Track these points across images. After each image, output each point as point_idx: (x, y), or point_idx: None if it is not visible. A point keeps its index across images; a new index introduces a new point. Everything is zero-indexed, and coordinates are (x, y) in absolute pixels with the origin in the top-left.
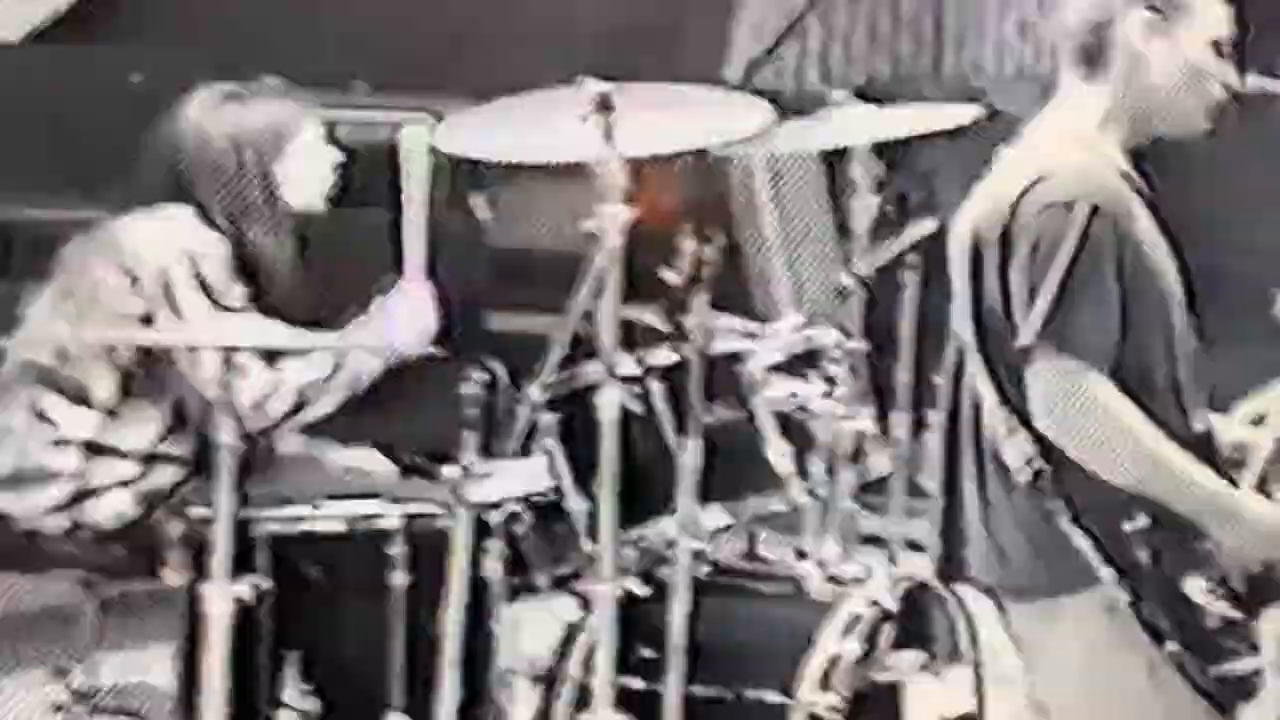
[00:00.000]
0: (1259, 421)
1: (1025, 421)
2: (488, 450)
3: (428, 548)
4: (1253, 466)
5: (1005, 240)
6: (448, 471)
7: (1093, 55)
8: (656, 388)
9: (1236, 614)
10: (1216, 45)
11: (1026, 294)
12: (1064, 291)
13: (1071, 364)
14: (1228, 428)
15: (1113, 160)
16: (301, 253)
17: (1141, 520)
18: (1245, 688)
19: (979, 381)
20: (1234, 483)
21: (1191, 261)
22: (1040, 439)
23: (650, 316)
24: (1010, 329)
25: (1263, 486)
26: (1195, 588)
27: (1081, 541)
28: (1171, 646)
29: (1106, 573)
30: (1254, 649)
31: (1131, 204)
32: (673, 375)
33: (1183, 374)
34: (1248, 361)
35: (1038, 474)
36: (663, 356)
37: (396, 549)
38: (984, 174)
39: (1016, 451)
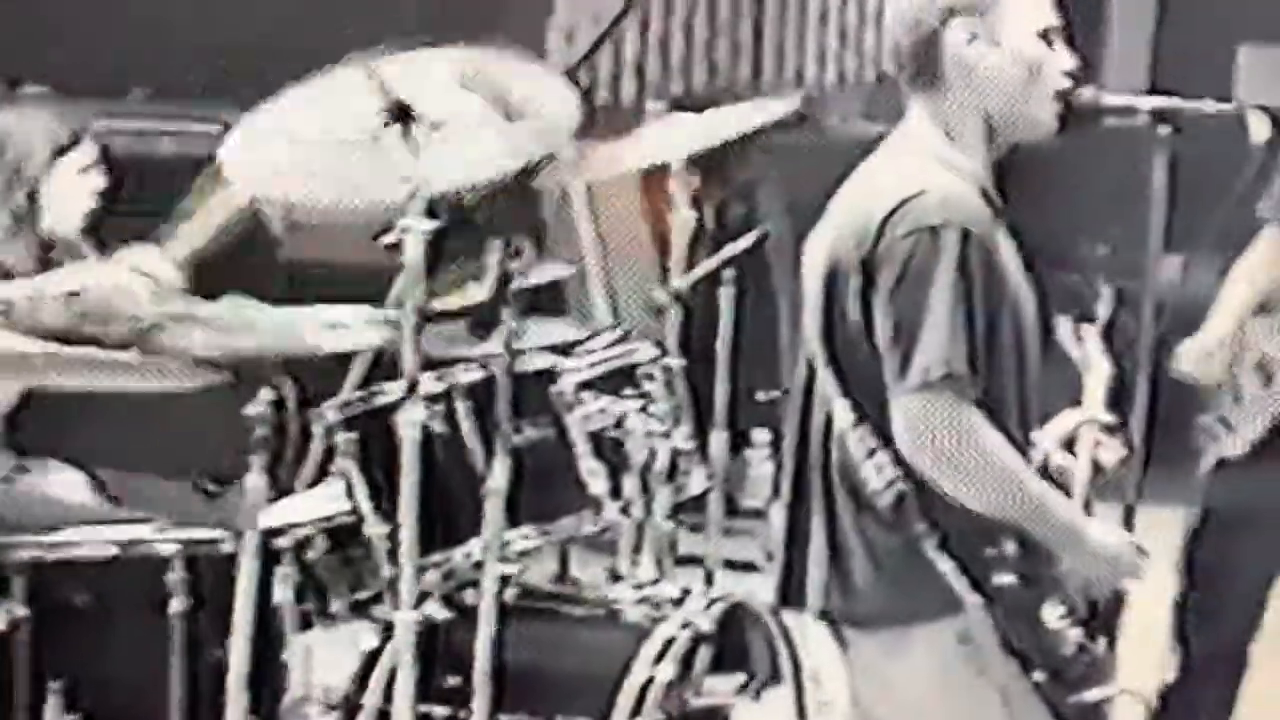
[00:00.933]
0: (1070, 445)
1: (886, 442)
2: (275, 473)
3: (213, 573)
4: (1077, 489)
5: (868, 265)
6: (232, 494)
7: (926, 71)
8: (462, 406)
9: (1086, 641)
10: (1044, 35)
11: (894, 323)
12: (940, 324)
13: (940, 392)
14: (1047, 448)
15: (976, 179)
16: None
17: (1008, 547)
18: (1099, 716)
19: (833, 401)
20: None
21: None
22: (901, 462)
23: (456, 332)
24: (871, 353)
25: (1086, 510)
26: (1051, 614)
27: (947, 567)
28: (1038, 676)
29: (973, 599)
30: (1107, 676)
31: (994, 226)
32: (479, 393)
33: (1030, 399)
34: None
35: (900, 497)
36: (468, 374)
37: (174, 576)
38: (804, 188)
39: (877, 473)
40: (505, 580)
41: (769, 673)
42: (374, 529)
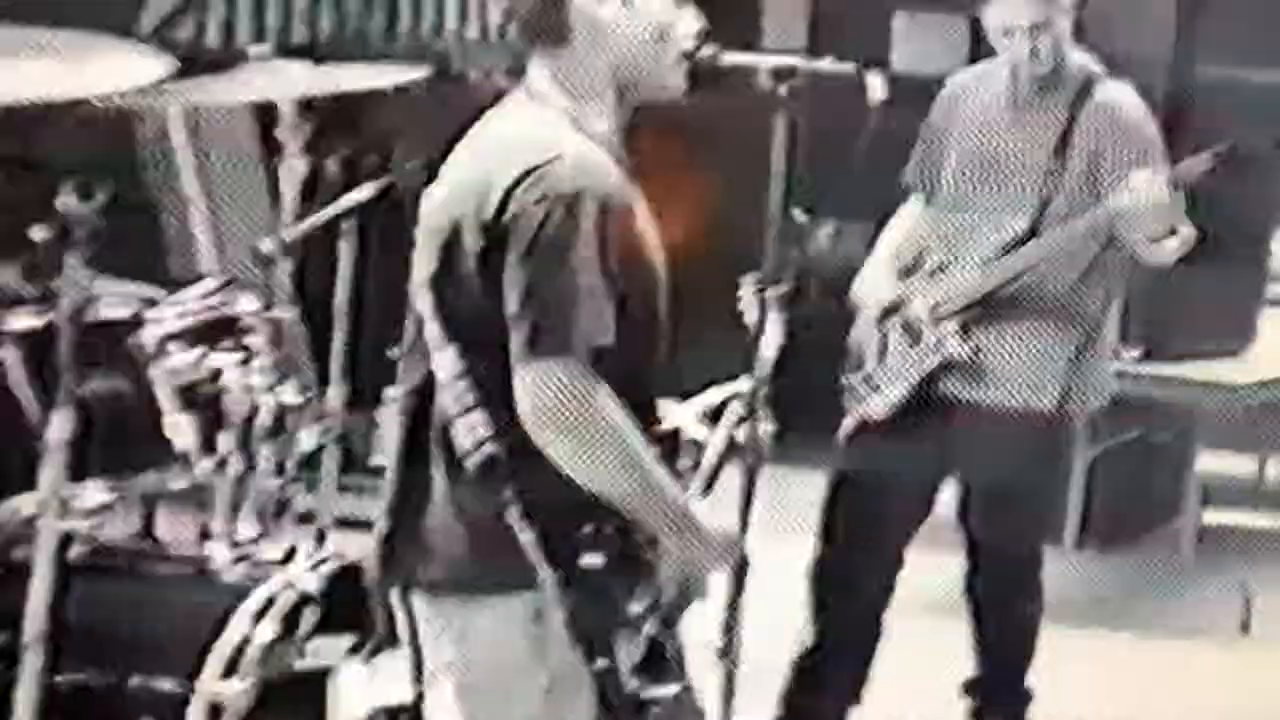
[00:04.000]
0: (715, 417)
1: (485, 402)
2: None
3: None
4: (705, 464)
5: (492, 228)
6: None
7: (552, 29)
8: (12, 354)
9: (663, 633)
10: None
11: (525, 291)
12: (578, 292)
13: (571, 364)
14: (686, 422)
15: (607, 142)
16: None
17: (604, 526)
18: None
19: (435, 355)
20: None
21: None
22: (498, 423)
23: (7, 276)
24: (486, 312)
25: (710, 484)
26: (634, 603)
27: (528, 538)
28: (601, 663)
29: (547, 574)
30: (671, 674)
31: (630, 192)
32: (39, 341)
33: (656, 374)
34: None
35: (491, 460)
36: (22, 321)
37: None
38: (446, 141)
39: (468, 432)
40: (69, 537)
41: (386, 636)
42: None
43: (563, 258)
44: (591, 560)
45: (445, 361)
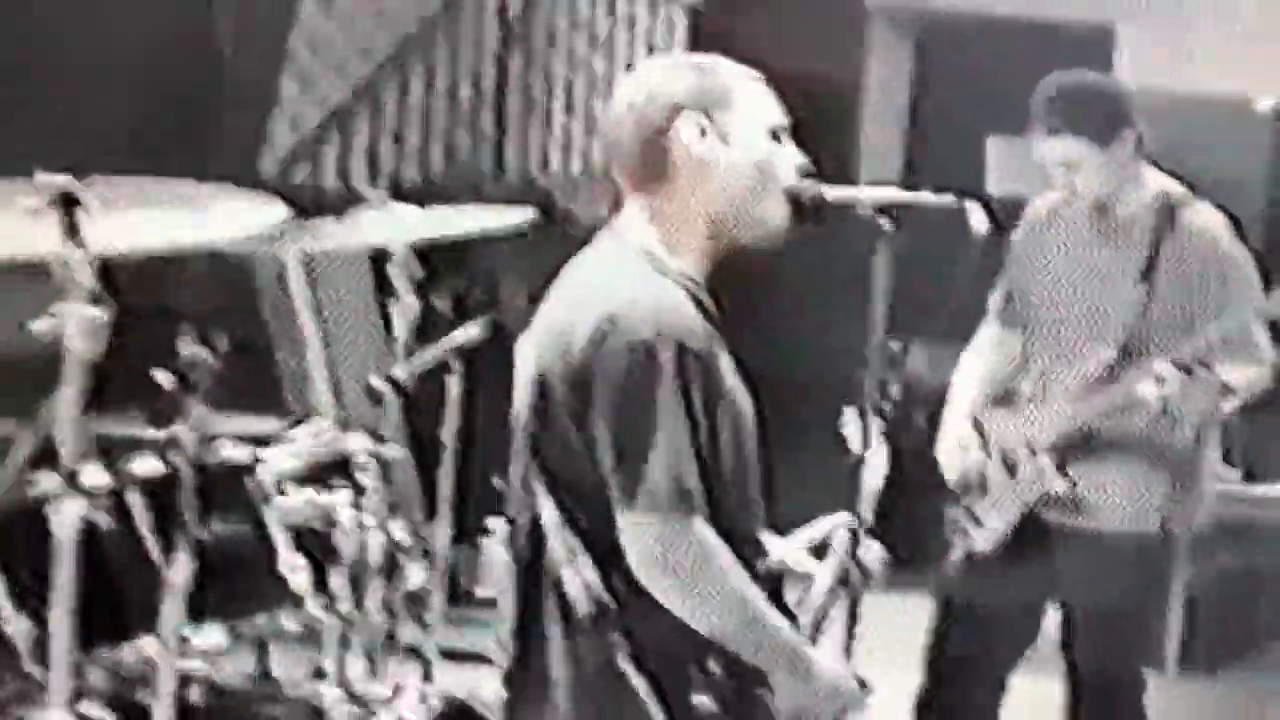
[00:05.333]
0: (821, 551)
1: (590, 548)
2: None
3: None
4: (814, 597)
5: (578, 377)
6: None
7: (653, 167)
8: (137, 500)
9: None
10: (774, 133)
11: (615, 443)
12: (663, 441)
13: (671, 512)
14: (792, 556)
15: (689, 287)
16: None
17: (713, 666)
18: None
19: (541, 504)
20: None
21: (765, 374)
22: (603, 568)
23: (132, 423)
24: (580, 461)
25: (818, 623)
26: None
27: (639, 683)
28: None
29: (660, 717)
30: None
31: (711, 336)
32: (162, 486)
33: (754, 509)
34: (823, 480)
35: (600, 606)
36: (147, 466)
37: None
38: (550, 277)
39: (576, 579)
40: (189, 679)
41: None
42: (15, 625)
43: (645, 406)
44: (702, 700)
45: (549, 510)
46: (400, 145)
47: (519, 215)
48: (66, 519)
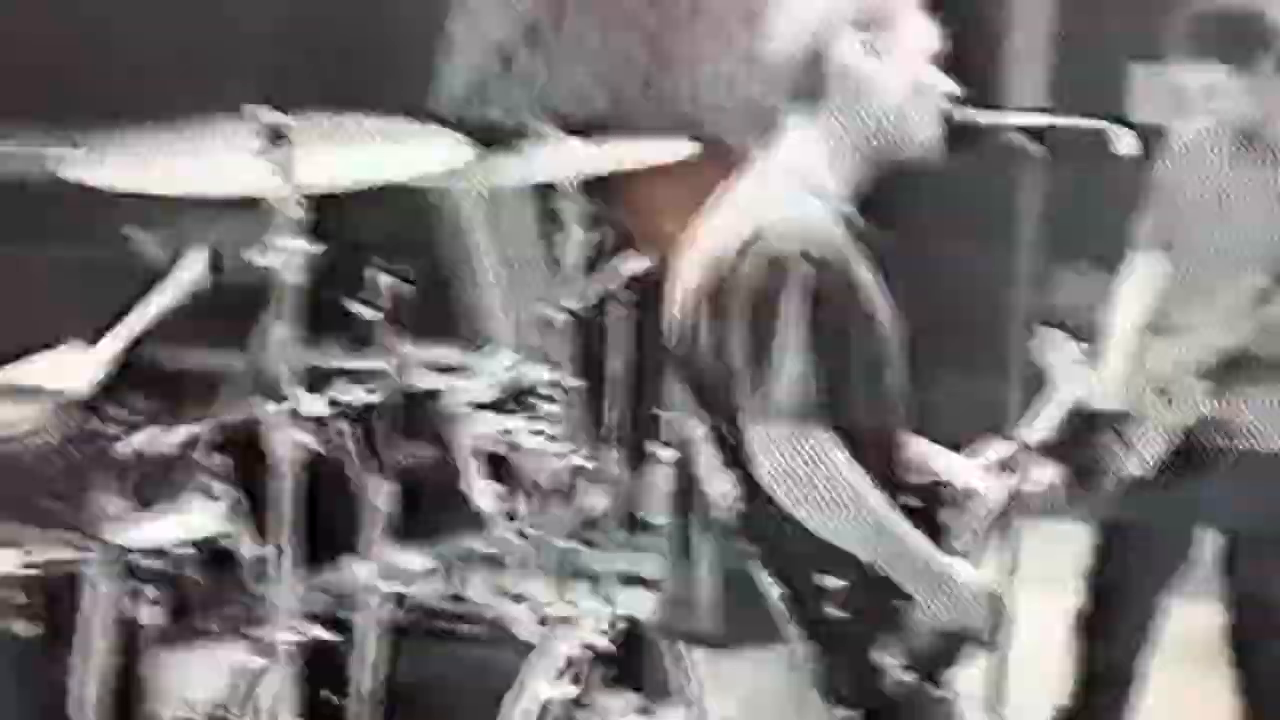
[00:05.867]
0: (998, 469)
1: (735, 460)
2: (142, 492)
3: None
4: (978, 520)
5: (722, 292)
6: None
7: (811, 87)
8: (346, 427)
9: (914, 681)
10: (929, 57)
11: (747, 353)
12: (793, 354)
13: (794, 421)
14: (963, 474)
15: (838, 205)
16: None
17: (844, 577)
18: None
19: (689, 418)
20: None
21: (912, 294)
22: (746, 482)
23: (340, 352)
24: (723, 375)
25: (985, 537)
26: (882, 653)
27: (774, 592)
28: (845, 712)
29: (794, 629)
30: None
31: (853, 254)
32: (367, 413)
33: (895, 426)
34: (974, 398)
35: (740, 516)
36: (352, 393)
37: (18, 597)
38: (703, 209)
39: (721, 491)
40: (395, 600)
41: (663, 689)
42: (249, 549)
43: (779, 320)
44: (836, 612)
45: (696, 424)
46: (563, 80)
47: (680, 147)
48: (286, 446)
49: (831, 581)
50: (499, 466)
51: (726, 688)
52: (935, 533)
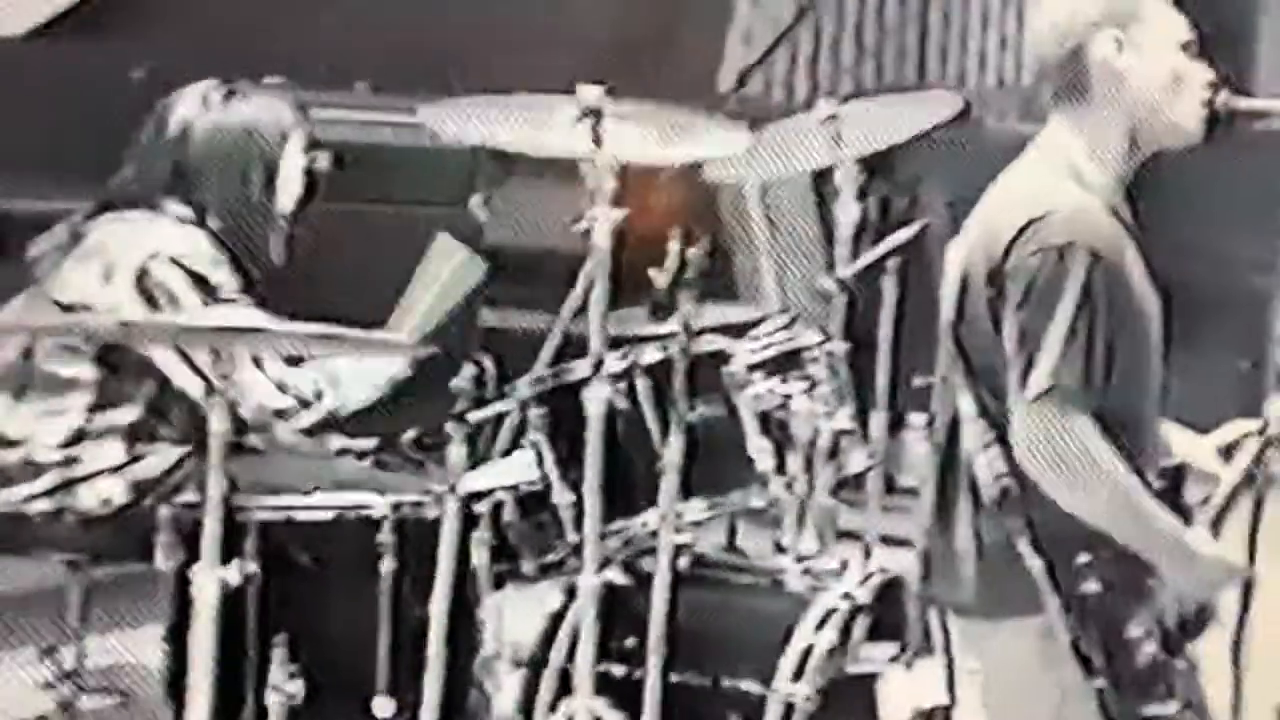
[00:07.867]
0: (1229, 452)
1: (1001, 438)
2: (475, 442)
3: (416, 536)
4: (1214, 498)
5: (996, 278)
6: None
7: (1073, 84)
8: (642, 385)
9: (1163, 654)
10: (1185, 47)
11: (1019, 336)
12: (1065, 341)
13: (1053, 403)
14: (1201, 456)
15: (1106, 196)
16: (291, 250)
17: (1100, 554)
18: None
19: (959, 392)
20: (1187, 517)
21: (1174, 281)
22: (1012, 460)
23: (639, 315)
24: (996, 356)
25: (1218, 520)
26: (1134, 626)
27: (1036, 565)
28: (1099, 682)
29: (1053, 602)
30: (1170, 692)
31: (1123, 243)
32: (658, 373)
33: (1151, 411)
34: (1223, 383)
35: (1005, 492)
36: (649, 354)
37: (385, 537)
38: (964, 185)
39: (987, 466)
40: (679, 549)
41: (921, 643)
42: (561, 497)
43: (1050, 305)
44: (1090, 587)
45: (966, 400)
46: (836, 59)
47: (946, 106)
48: (596, 402)
49: (1085, 556)
50: (771, 425)
51: (980, 651)
52: (1181, 511)
